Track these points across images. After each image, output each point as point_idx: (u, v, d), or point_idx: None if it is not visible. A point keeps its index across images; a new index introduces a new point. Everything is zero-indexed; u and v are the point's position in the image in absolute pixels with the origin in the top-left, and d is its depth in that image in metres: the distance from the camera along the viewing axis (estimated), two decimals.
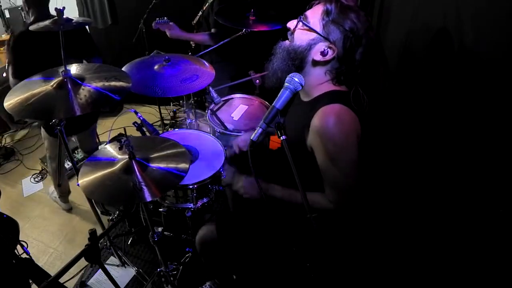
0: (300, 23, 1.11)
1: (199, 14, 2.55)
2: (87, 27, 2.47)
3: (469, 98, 1.04)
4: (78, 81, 1.32)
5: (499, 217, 0.93)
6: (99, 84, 1.32)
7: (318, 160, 1.13)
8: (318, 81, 1.16)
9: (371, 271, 1.45)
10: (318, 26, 1.08)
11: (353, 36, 1.05)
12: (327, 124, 1.06)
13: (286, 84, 0.99)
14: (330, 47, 1.08)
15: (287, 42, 1.17)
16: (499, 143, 0.93)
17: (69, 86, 1.29)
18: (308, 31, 1.10)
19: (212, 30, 2.43)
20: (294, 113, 1.28)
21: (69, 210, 2.55)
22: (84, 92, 1.28)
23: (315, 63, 1.13)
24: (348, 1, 1.08)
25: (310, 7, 1.14)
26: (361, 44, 1.08)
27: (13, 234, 1.47)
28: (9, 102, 1.24)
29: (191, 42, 2.67)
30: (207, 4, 2.46)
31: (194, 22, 2.60)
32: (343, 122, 1.07)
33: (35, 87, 1.29)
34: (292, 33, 1.15)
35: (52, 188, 2.57)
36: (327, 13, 1.06)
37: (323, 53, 1.09)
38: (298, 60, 1.13)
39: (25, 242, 1.57)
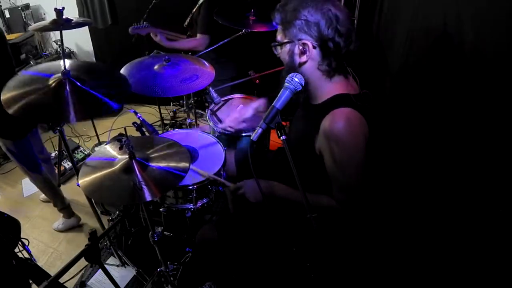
0: (276, 48, 1.18)
1: (189, 16, 2.55)
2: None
3: (469, 98, 1.04)
4: (77, 83, 1.31)
5: (499, 217, 0.94)
6: (98, 91, 1.31)
7: (326, 163, 1.14)
8: (317, 80, 1.15)
9: (371, 271, 1.45)
10: (282, 37, 1.14)
11: (307, 22, 1.05)
12: (337, 127, 1.07)
13: (286, 84, 0.99)
14: (303, 44, 1.09)
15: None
16: (499, 143, 0.93)
17: (67, 88, 1.28)
18: (282, 48, 1.15)
19: (198, 36, 2.41)
20: (303, 116, 1.28)
21: (79, 220, 2.44)
22: (82, 96, 1.27)
23: (302, 64, 1.14)
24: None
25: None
26: (328, 23, 1.04)
27: (14, 234, 1.46)
28: (6, 95, 1.22)
29: None
30: (197, 6, 2.46)
31: (186, 24, 2.59)
32: (352, 125, 1.08)
33: (32, 85, 1.27)
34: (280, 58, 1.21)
35: (56, 223, 2.42)
36: (278, 22, 1.13)
37: (302, 52, 1.10)
38: (292, 70, 1.13)
39: (27, 240, 1.56)
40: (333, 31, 1.06)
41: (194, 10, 2.49)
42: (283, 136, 0.95)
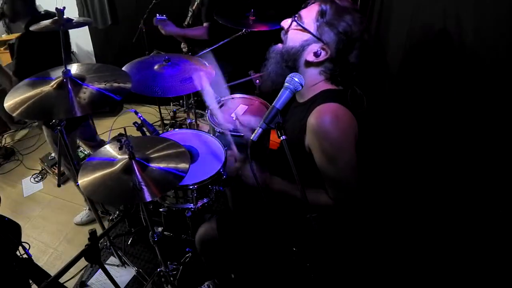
0: (294, 23, 1.11)
1: (189, 15, 2.55)
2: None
3: (468, 98, 1.04)
4: (78, 81, 1.32)
5: (499, 217, 0.94)
6: (100, 85, 1.32)
7: (316, 160, 1.13)
8: (312, 81, 1.16)
9: (371, 271, 1.45)
10: (312, 27, 1.08)
11: (346, 38, 1.05)
12: (323, 122, 1.05)
13: (286, 84, 0.99)
14: (323, 48, 1.08)
15: (279, 45, 1.17)
16: (499, 143, 0.93)
17: (69, 86, 1.29)
18: (301, 31, 1.09)
19: (204, 24, 2.43)
20: (291, 115, 1.28)
21: None
22: (84, 92, 1.28)
23: (308, 63, 1.12)
24: (342, 1, 1.07)
25: (306, 6, 1.14)
26: (355, 47, 1.07)
27: (15, 237, 1.46)
28: (9, 102, 1.24)
29: (182, 47, 2.67)
30: (196, 3, 2.46)
31: (185, 23, 2.59)
32: (339, 120, 1.06)
33: (35, 87, 1.29)
34: (286, 32, 1.14)
35: (79, 216, 2.43)
36: (321, 14, 1.06)
37: (316, 54, 1.08)
38: (291, 62, 1.13)
39: (28, 244, 1.57)
40: (355, 58, 1.08)
41: (193, 7, 2.49)
42: (283, 136, 0.94)
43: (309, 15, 1.09)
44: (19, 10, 1.90)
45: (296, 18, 1.11)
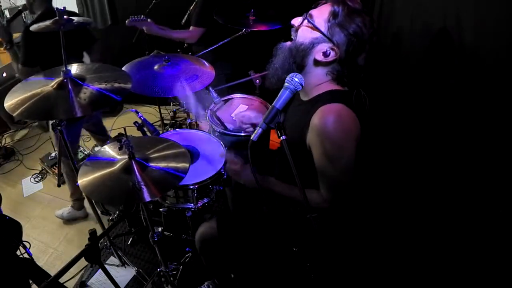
0: (305, 21, 1.11)
1: (186, 15, 2.56)
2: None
3: (469, 98, 1.04)
4: (78, 81, 1.32)
5: (499, 217, 0.94)
6: (100, 86, 1.32)
7: (314, 158, 1.13)
8: (318, 81, 1.16)
9: (371, 271, 1.45)
10: (323, 26, 1.08)
11: (356, 40, 1.05)
12: (326, 122, 1.06)
13: (286, 84, 0.99)
14: (332, 49, 1.08)
15: (288, 42, 1.17)
16: (499, 144, 0.93)
17: (70, 86, 1.29)
18: (312, 30, 1.10)
19: (190, 28, 2.43)
20: (294, 113, 1.28)
21: (86, 216, 2.46)
22: (84, 92, 1.28)
23: (317, 63, 1.12)
24: (354, 3, 1.07)
25: (316, 6, 1.14)
26: (364, 49, 1.08)
27: (15, 236, 1.46)
28: (9, 102, 1.24)
29: (185, 45, 2.67)
30: (194, 3, 2.47)
31: (183, 22, 2.60)
32: (342, 121, 1.07)
33: (36, 87, 1.29)
34: (296, 30, 1.15)
35: (61, 211, 2.46)
36: (334, 15, 1.06)
37: (325, 54, 1.09)
38: (299, 58, 1.13)
39: (28, 243, 1.57)
40: (363, 60, 1.09)
41: (191, 7, 2.50)
42: (283, 136, 0.94)
43: (320, 15, 1.09)
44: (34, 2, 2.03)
45: (307, 17, 1.11)
